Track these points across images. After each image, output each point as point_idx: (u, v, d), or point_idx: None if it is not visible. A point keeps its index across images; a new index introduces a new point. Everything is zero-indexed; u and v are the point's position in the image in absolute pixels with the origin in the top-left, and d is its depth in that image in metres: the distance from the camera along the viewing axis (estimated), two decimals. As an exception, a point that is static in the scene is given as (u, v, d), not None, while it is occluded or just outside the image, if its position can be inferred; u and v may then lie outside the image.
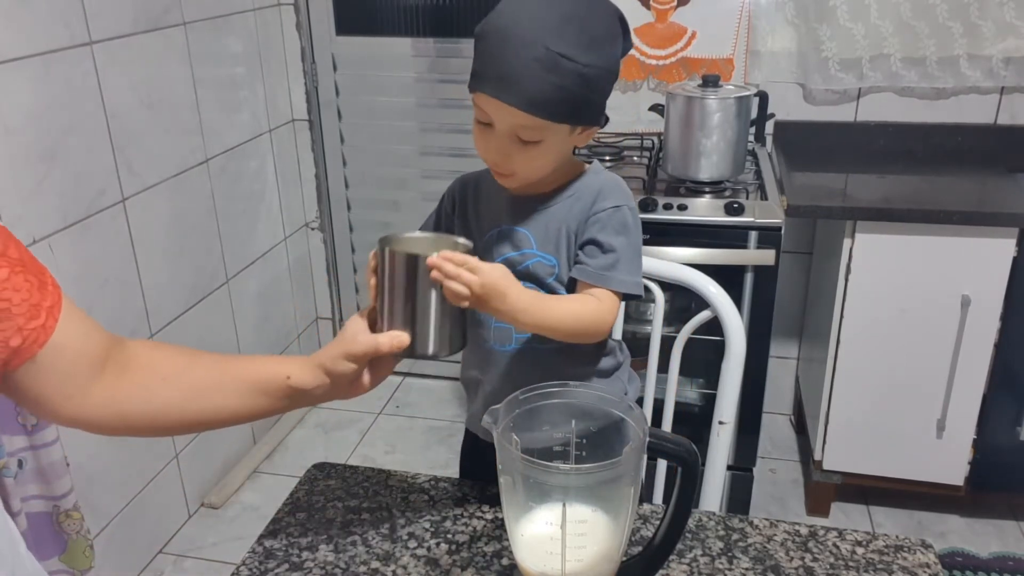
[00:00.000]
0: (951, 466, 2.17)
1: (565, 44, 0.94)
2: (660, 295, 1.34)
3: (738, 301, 1.73)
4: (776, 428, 2.73)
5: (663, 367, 1.37)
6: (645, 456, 0.81)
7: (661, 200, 2.02)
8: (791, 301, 2.61)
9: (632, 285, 1.06)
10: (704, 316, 1.31)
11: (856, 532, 1.03)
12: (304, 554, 1.00)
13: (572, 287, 1.09)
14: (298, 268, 2.94)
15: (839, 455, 2.23)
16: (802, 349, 2.68)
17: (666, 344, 1.36)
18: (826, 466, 2.25)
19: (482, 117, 1.02)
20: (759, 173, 2.20)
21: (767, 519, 1.05)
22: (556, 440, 0.87)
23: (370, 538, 1.02)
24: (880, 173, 2.27)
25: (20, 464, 1.62)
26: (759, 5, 2.35)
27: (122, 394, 0.87)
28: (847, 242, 2.02)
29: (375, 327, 0.93)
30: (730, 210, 1.97)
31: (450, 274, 0.88)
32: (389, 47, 2.70)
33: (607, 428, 0.85)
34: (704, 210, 2.01)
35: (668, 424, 1.37)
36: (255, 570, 0.98)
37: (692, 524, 1.04)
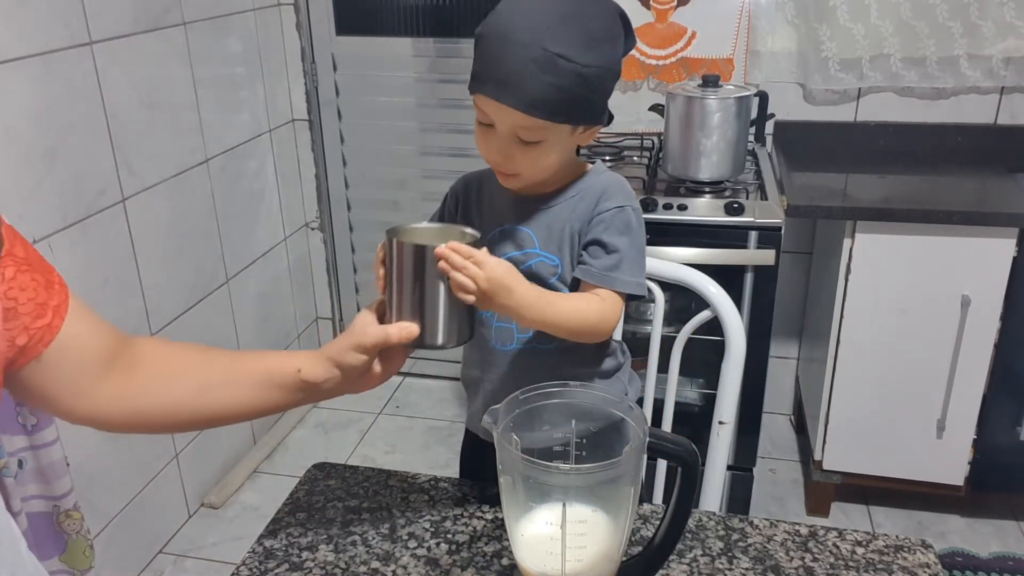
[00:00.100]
0: (951, 466, 2.17)
1: (563, 44, 0.94)
2: (660, 295, 1.34)
3: (738, 301, 1.73)
4: (776, 428, 2.73)
5: (663, 367, 1.37)
6: (645, 456, 0.81)
7: (661, 200, 2.02)
8: (791, 301, 2.61)
9: (635, 286, 1.06)
10: (704, 316, 1.31)
11: (856, 532, 1.03)
12: (304, 554, 1.00)
13: (575, 287, 1.09)
14: (298, 268, 2.94)
15: (839, 455, 2.23)
16: (802, 349, 2.68)
17: (666, 344, 1.36)
18: (826, 466, 2.25)
19: (483, 118, 1.02)
20: (759, 173, 2.20)
21: (767, 519, 1.05)
22: (556, 440, 0.87)
23: (370, 538, 1.02)
24: (880, 173, 2.27)
25: (20, 464, 1.61)
26: (759, 5, 2.35)
27: (134, 390, 0.87)
28: (847, 242, 2.02)
29: (384, 320, 0.93)
30: (730, 210, 1.97)
31: (457, 265, 0.89)
32: (389, 47, 2.70)
33: (607, 428, 0.85)
34: (704, 210, 2.01)
35: (668, 424, 1.37)
36: (255, 570, 0.98)
37: (692, 524, 1.04)
